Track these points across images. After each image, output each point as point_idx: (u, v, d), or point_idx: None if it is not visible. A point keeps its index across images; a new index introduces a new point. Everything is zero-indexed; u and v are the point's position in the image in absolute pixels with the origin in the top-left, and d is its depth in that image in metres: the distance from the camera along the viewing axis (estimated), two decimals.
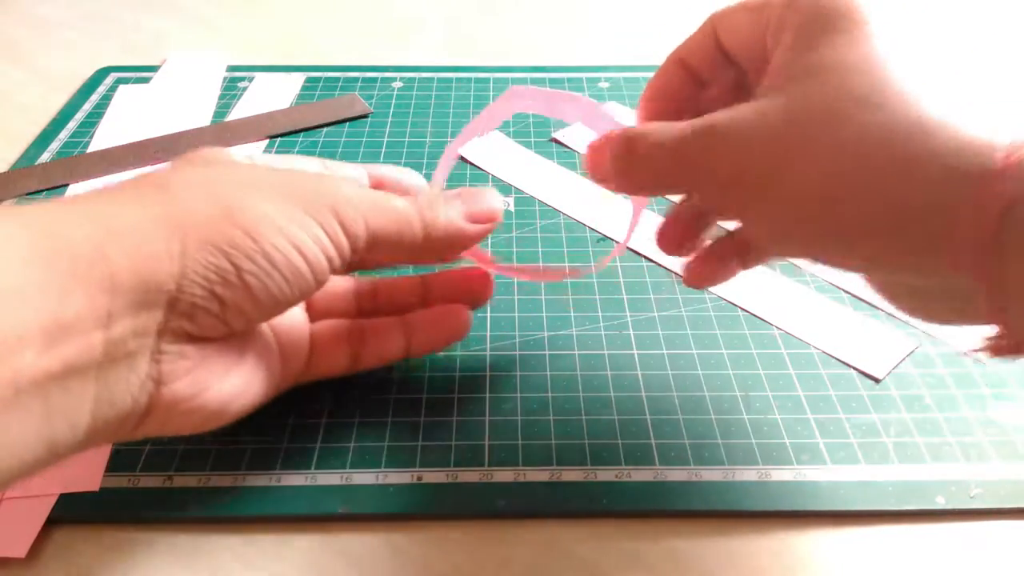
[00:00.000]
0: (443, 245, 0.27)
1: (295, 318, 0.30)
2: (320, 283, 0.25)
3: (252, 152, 0.41)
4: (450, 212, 0.27)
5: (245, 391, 0.25)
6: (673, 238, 0.28)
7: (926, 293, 0.22)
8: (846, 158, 0.20)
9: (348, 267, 0.30)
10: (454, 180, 0.44)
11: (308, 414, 0.31)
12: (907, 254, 0.20)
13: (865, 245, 0.21)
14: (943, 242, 0.19)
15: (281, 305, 0.24)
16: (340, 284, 0.33)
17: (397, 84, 0.52)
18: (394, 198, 0.26)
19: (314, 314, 0.31)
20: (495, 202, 0.29)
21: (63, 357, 0.20)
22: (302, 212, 0.23)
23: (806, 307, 0.36)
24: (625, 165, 0.24)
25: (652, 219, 0.41)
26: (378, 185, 0.30)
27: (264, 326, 0.28)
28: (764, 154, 0.21)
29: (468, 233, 0.28)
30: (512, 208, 0.42)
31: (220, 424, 0.25)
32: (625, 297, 0.37)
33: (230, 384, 0.24)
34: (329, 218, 0.24)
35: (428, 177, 0.44)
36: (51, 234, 0.20)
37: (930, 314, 0.23)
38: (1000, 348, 0.21)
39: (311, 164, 0.29)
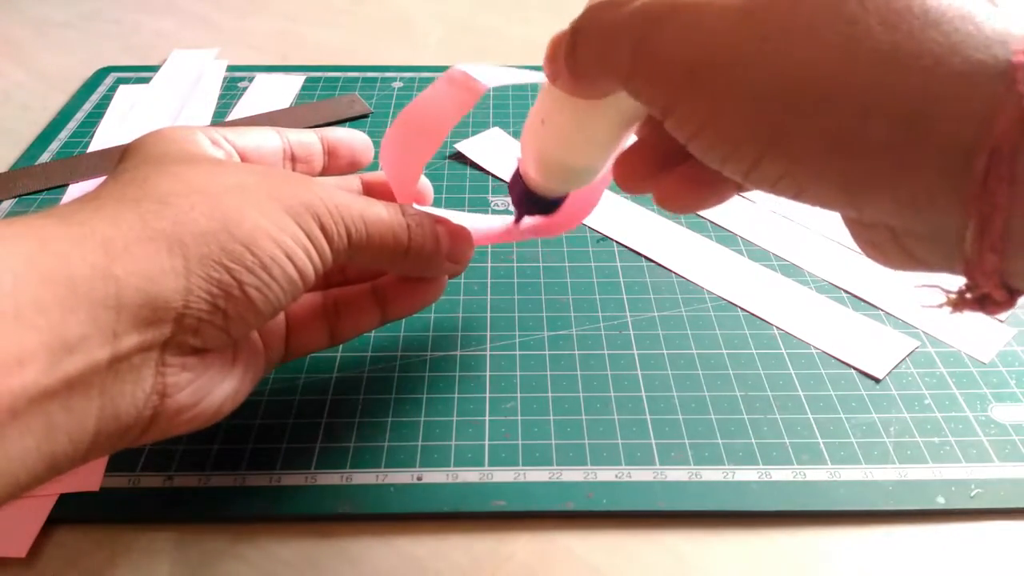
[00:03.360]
0: (419, 264, 0.28)
1: None
2: (307, 287, 0.25)
3: (202, 118, 0.41)
4: (435, 238, 0.28)
5: (239, 390, 0.26)
6: (633, 168, 0.25)
7: (901, 231, 0.18)
8: (836, 44, 0.17)
9: (331, 274, 0.31)
10: (454, 180, 0.44)
11: (308, 414, 0.31)
12: (901, 172, 0.17)
13: (850, 160, 0.17)
14: (944, 162, 0.16)
15: (276, 312, 0.24)
16: None
17: (397, 84, 0.52)
18: (380, 207, 0.27)
19: None
20: (469, 250, 0.30)
21: (66, 375, 0.20)
22: (292, 222, 0.24)
23: (806, 307, 0.36)
24: (574, 50, 0.22)
25: (648, 216, 0.41)
26: (332, 151, 0.31)
27: None
28: (730, 35, 0.18)
29: (440, 266, 0.29)
30: (512, 208, 0.42)
31: (214, 422, 0.25)
32: (625, 297, 0.37)
33: (227, 387, 0.25)
34: (314, 229, 0.24)
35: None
36: (49, 253, 0.20)
37: (891, 256, 0.19)
38: (965, 302, 0.18)
39: (268, 135, 0.29)
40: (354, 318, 0.30)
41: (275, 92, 0.52)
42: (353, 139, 0.31)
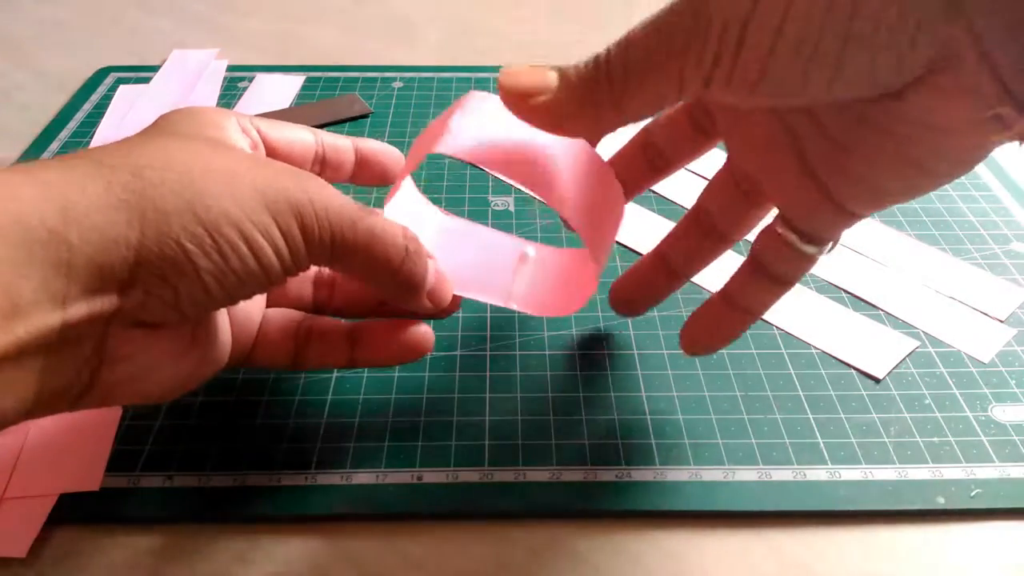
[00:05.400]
0: (403, 291, 0.27)
1: (252, 301, 0.29)
2: (275, 284, 0.24)
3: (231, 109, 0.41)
4: (425, 268, 0.27)
5: (194, 374, 0.25)
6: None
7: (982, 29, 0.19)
8: None
9: (320, 297, 0.31)
10: (453, 180, 0.44)
11: (308, 414, 0.31)
12: None
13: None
14: None
15: (235, 299, 0.24)
16: None
17: (397, 84, 0.52)
18: (377, 220, 0.26)
19: (269, 295, 0.31)
20: (448, 294, 0.29)
21: (18, 338, 0.20)
22: (269, 218, 0.23)
23: (806, 307, 0.36)
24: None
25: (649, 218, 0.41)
26: (363, 161, 0.30)
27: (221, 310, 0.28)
28: None
29: (421, 300, 0.28)
30: (512, 208, 0.42)
31: (165, 401, 0.25)
32: None
33: (179, 367, 0.24)
34: (292, 228, 0.24)
35: (420, 177, 0.44)
36: (7, 212, 0.20)
37: (979, 90, 0.20)
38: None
39: (302, 133, 0.29)
40: (320, 350, 0.30)
41: (275, 92, 0.52)
42: (387, 153, 0.31)
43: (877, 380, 0.33)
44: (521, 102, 0.23)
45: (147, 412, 0.31)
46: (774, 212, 0.27)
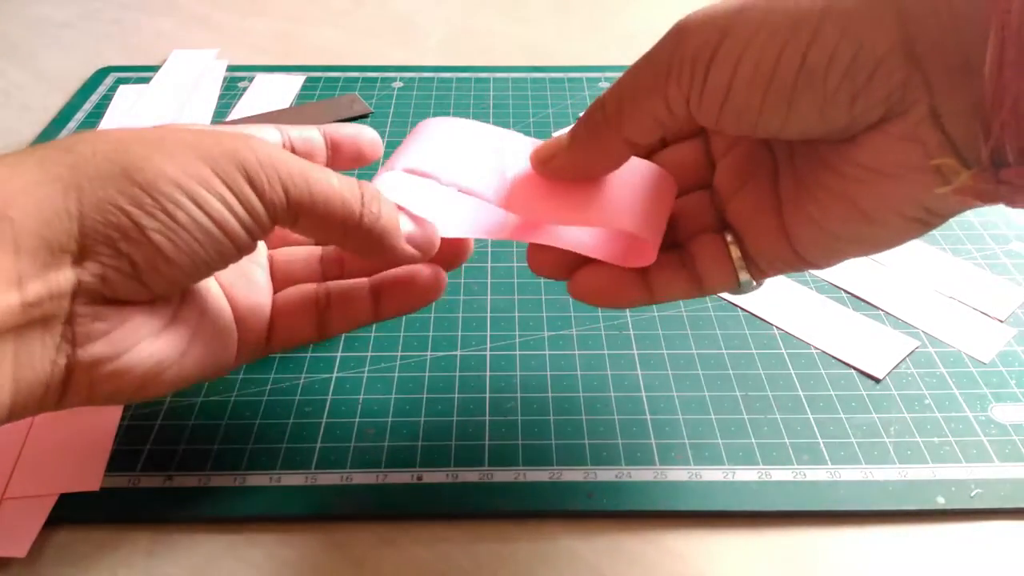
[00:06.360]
0: (374, 240, 0.26)
1: (256, 284, 0.29)
2: (241, 247, 0.24)
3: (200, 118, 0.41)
4: (393, 214, 0.26)
5: (180, 358, 0.25)
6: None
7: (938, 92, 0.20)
8: None
9: (328, 267, 0.31)
10: None
11: (308, 414, 0.31)
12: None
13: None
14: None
15: (202, 267, 0.23)
16: (302, 251, 0.32)
17: (397, 84, 0.52)
18: (331, 173, 0.25)
19: (277, 282, 0.31)
20: (434, 238, 0.28)
21: None
22: (208, 171, 0.22)
23: (806, 307, 0.36)
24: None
25: None
26: (335, 146, 0.30)
27: (218, 291, 0.27)
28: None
29: (399, 246, 0.27)
30: None
31: (159, 393, 0.24)
32: None
33: (158, 348, 0.24)
34: (237, 179, 0.23)
35: None
36: None
37: (926, 145, 0.21)
38: (981, 173, 0.19)
39: (267, 131, 0.28)
40: (346, 310, 0.29)
41: (275, 92, 0.52)
42: (360, 134, 0.30)
43: (877, 380, 0.33)
44: (545, 167, 0.26)
45: (147, 412, 0.31)
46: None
